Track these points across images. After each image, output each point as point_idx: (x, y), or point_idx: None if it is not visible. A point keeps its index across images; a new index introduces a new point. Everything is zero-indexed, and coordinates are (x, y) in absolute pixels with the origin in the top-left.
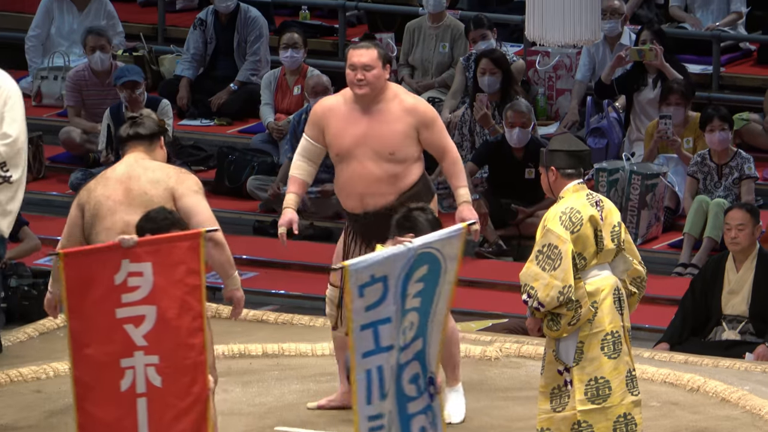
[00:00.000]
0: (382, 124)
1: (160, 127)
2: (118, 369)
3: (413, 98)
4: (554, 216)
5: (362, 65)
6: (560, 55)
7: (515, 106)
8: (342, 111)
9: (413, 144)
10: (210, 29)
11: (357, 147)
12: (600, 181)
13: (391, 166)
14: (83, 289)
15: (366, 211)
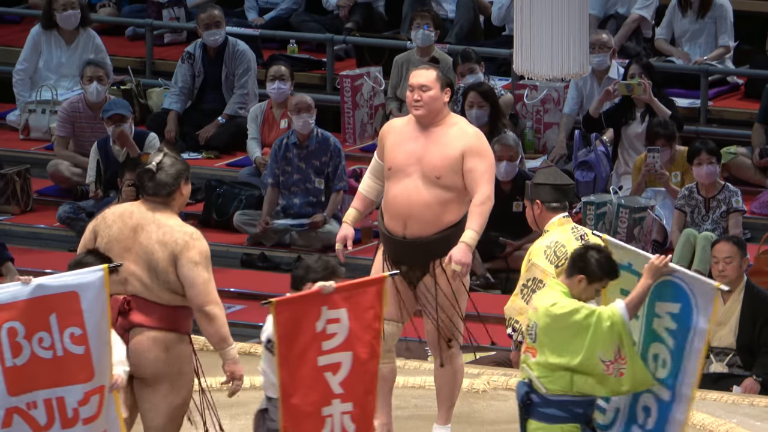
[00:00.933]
0: (435, 145)
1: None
2: (320, 418)
3: (474, 129)
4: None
5: (419, 86)
6: (548, 88)
7: (503, 140)
8: (403, 129)
9: (460, 173)
10: (198, 63)
11: (408, 165)
12: (588, 214)
13: (438, 192)
14: (292, 338)
15: (405, 237)
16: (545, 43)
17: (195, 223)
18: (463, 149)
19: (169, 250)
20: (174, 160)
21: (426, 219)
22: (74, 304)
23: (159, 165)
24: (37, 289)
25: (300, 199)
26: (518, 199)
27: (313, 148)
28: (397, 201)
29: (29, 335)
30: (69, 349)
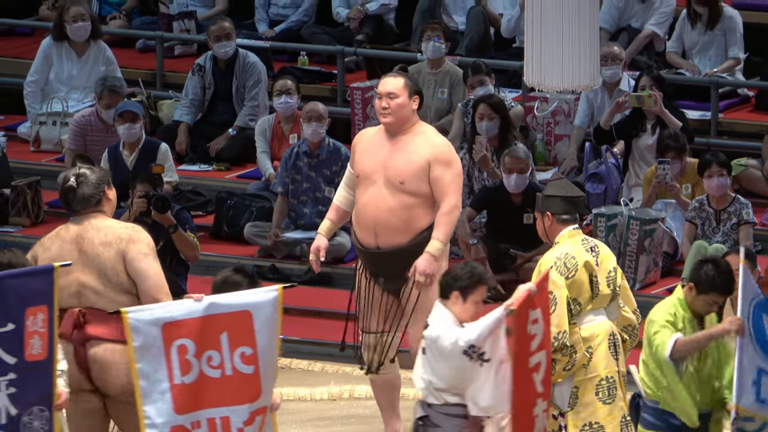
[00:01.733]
0: (401, 152)
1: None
2: (532, 419)
3: (440, 137)
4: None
5: (387, 93)
6: (559, 100)
7: (513, 152)
8: (373, 138)
9: (425, 180)
10: (208, 75)
11: (374, 172)
12: (598, 226)
13: (402, 197)
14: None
15: (378, 247)
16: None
17: (206, 235)
18: (428, 157)
19: (115, 248)
20: (90, 170)
21: (394, 226)
22: (247, 324)
23: (78, 179)
24: (210, 307)
25: (310, 209)
26: (529, 211)
27: (324, 157)
28: (365, 210)
29: (199, 353)
30: (238, 368)
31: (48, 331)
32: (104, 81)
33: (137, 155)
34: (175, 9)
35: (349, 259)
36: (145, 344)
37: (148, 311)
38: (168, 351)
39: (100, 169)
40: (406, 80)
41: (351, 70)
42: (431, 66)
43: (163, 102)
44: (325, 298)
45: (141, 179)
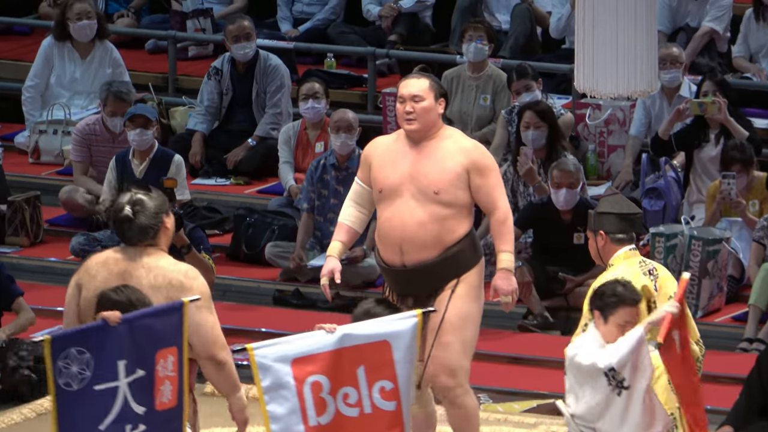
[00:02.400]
0: (430, 159)
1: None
2: None
3: (470, 141)
4: None
5: (411, 96)
6: (612, 108)
7: (562, 165)
8: (391, 147)
9: (462, 188)
10: (226, 79)
11: (401, 184)
12: (656, 247)
13: (434, 209)
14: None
15: (404, 265)
16: (610, 58)
17: (222, 256)
18: (465, 164)
19: (164, 295)
20: (148, 196)
21: (422, 240)
22: (386, 355)
23: (134, 208)
24: (344, 338)
25: None
26: (579, 230)
27: (353, 170)
28: (390, 225)
29: (334, 390)
30: (378, 405)
31: (178, 375)
32: (110, 86)
33: (148, 165)
34: (189, 6)
35: (380, 283)
36: (275, 384)
37: (275, 346)
38: (301, 390)
39: (158, 196)
40: (431, 81)
41: (383, 74)
42: (472, 70)
43: (176, 109)
44: None
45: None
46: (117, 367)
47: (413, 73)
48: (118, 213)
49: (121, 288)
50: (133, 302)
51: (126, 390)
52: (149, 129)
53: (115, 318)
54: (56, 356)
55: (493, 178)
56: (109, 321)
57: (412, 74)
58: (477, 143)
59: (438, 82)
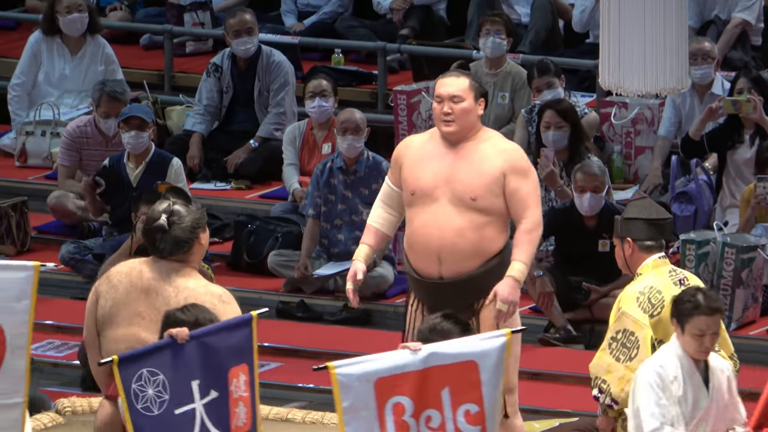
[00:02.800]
0: (467, 162)
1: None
2: None
3: (510, 143)
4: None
5: (450, 96)
6: (640, 106)
7: (586, 167)
8: (425, 146)
9: (499, 194)
10: (226, 76)
11: (436, 187)
12: (687, 255)
13: (472, 216)
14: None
15: (441, 277)
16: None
17: (222, 265)
18: (502, 167)
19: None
20: (186, 207)
21: (462, 250)
22: (472, 376)
23: (170, 218)
24: (430, 358)
25: (345, 235)
26: (605, 237)
27: (362, 174)
28: (426, 232)
29: (417, 413)
30: (462, 429)
31: (250, 396)
32: (103, 85)
33: (144, 169)
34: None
35: (392, 295)
36: (356, 404)
37: (357, 365)
38: (382, 411)
39: (196, 208)
40: (471, 80)
41: (394, 71)
42: (490, 66)
43: (173, 108)
44: (364, 340)
45: (146, 200)
46: (191, 388)
47: (451, 71)
48: (151, 222)
49: (188, 307)
50: (200, 322)
51: (203, 412)
52: (145, 131)
53: (183, 335)
54: (128, 379)
55: (530, 185)
56: (177, 338)
57: (451, 72)
58: (517, 146)
59: (477, 81)
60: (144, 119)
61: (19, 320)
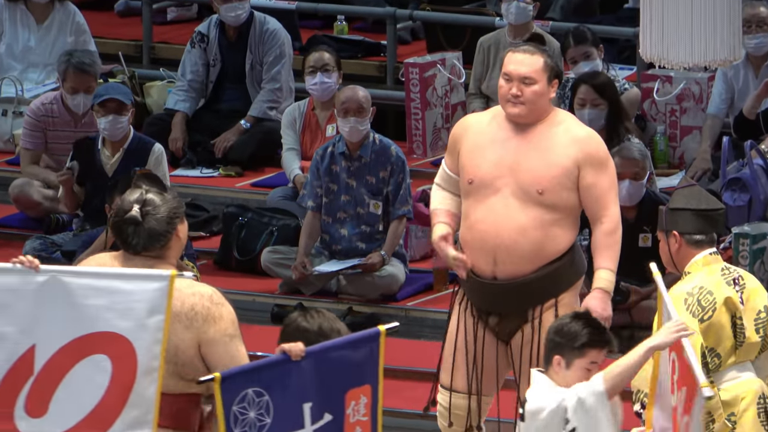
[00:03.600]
0: (536, 150)
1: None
2: None
3: (586, 129)
4: (678, 299)
5: (521, 77)
6: (686, 80)
7: (625, 151)
8: (486, 128)
9: (570, 188)
10: (213, 47)
11: (498, 177)
12: (741, 250)
13: (538, 212)
14: None
15: (495, 277)
16: (683, 19)
17: (209, 263)
18: (576, 158)
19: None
20: (161, 196)
21: (522, 250)
22: None
23: (143, 209)
24: None
25: (349, 230)
26: (646, 230)
27: (368, 160)
28: (483, 228)
29: None
30: None
31: (371, 420)
32: (69, 56)
33: (121, 157)
34: None
35: (402, 297)
36: None
37: None
38: None
39: (173, 197)
40: (546, 59)
41: (405, 41)
42: (514, 34)
43: (152, 84)
44: None
45: (122, 188)
46: (302, 412)
47: (525, 46)
48: (122, 214)
49: (312, 313)
50: (325, 332)
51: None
52: (123, 115)
53: (298, 351)
54: (229, 399)
55: (608, 179)
56: (292, 355)
57: (524, 47)
58: (593, 132)
59: (554, 59)
60: (122, 101)
61: (152, 339)
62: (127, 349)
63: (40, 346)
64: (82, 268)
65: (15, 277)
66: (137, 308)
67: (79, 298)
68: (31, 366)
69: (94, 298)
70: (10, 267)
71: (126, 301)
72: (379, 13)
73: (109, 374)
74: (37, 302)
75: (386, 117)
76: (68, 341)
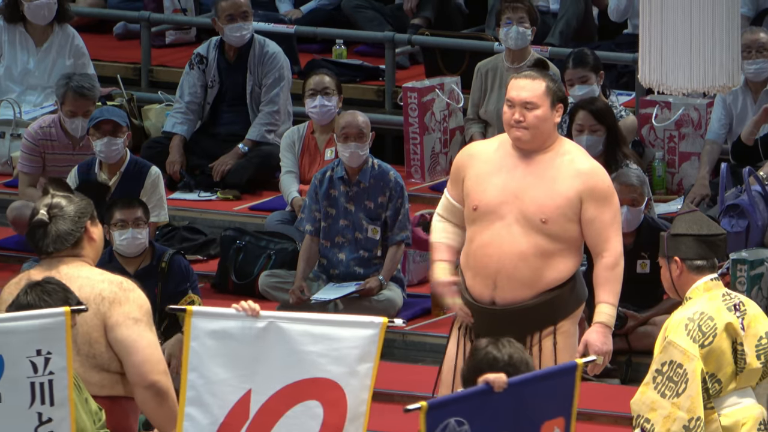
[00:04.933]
0: (540, 179)
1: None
2: None
3: (591, 162)
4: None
5: (523, 102)
6: (685, 107)
7: (623, 177)
8: (493, 156)
9: (573, 219)
10: (212, 69)
11: (503, 204)
12: (738, 276)
13: (539, 240)
14: None
15: (494, 302)
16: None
17: (207, 286)
18: (580, 190)
19: (94, 311)
20: (68, 199)
21: (522, 276)
22: None
23: (50, 212)
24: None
25: (347, 254)
26: (644, 256)
27: (367, 185)
28: (485, 252)
29: None
30: None
31: None
32: (68, 79)
33: (119, 180)
34: None
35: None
36: None
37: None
38: None
39: (80, 199)
40: (548, 83)
41: (403, 66)
42: (512, 59)
43: (150, 107)
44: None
45: (121, 206)
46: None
47: (528, 71)
48: (32, 218)
49: (503, 342)
50: (515, 363)
51: None
52: (119, 137)
53: (501, 383)
54: (433, 427)
55: (610, 213)
56: (495, 386)
57: (526, 72)
58: (598, 166)
59: (557, 84)
60: (118, 123)
61: (361, 385)
62: (338, 395)
63: (256, 391)
64: (298, 314)
65: (236, 322)
66: (350, 355)
67: (296, 344)
68: (247, 410)
69: (310, 344)
70: (232, 312)
71: (340, 348)
72: (378, 37)
73: (320, 420)
74: (256, 348)
75: (384, 141)
76: (283, 386)
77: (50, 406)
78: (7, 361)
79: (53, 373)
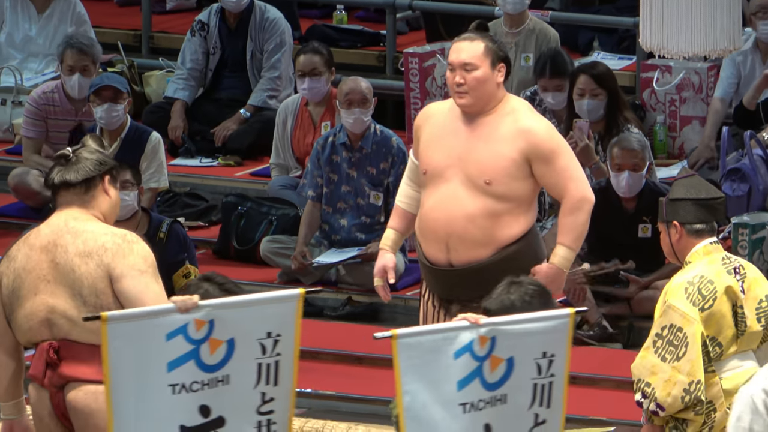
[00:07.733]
0: (483, 141)
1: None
2: None
3: (533, 119)
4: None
5: (461, 64)
6: (686, 70)
7: (624, 142)
8: (442, 119)
9: (520, 178)
10: (213, 35)
11: (448, 167)
12: (739, 240)
13: (486, 202)
14: None
15: (452, 264)
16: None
17: (208, 253)
18: (524, 150)
19: (96, 261)
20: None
21: (472, 237)
22: None
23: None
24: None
25: (349, 220)
26: (645, 220)
27: (369, 151)
28: (433, 216)
29: None
30: None
31: None
32: (69, 38)
33: (119, 146)
34: None
35: (402, 286)
36: None
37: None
38: None
39: (109, 156)
40: (487, 44)
41: (403, 31)
42: (510, 24)
43: (151, 74)
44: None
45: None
46: None
47: (466, 33)
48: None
49: None
50: None
51: None
52: (119, 103)
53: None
54: None
55: (561, 162)
56: None
57: (465, 35)
58: (540, 122)
59: (497, 44)
60: (118, 89)
61: None
62: None
63: None
64: None
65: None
66: None
67: None
68: None
69: None
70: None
71: None
72: (378, 3)
73: None
74: None
75: (386, 107)
76: None
77: (273, 386)
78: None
79: (280, 354)
